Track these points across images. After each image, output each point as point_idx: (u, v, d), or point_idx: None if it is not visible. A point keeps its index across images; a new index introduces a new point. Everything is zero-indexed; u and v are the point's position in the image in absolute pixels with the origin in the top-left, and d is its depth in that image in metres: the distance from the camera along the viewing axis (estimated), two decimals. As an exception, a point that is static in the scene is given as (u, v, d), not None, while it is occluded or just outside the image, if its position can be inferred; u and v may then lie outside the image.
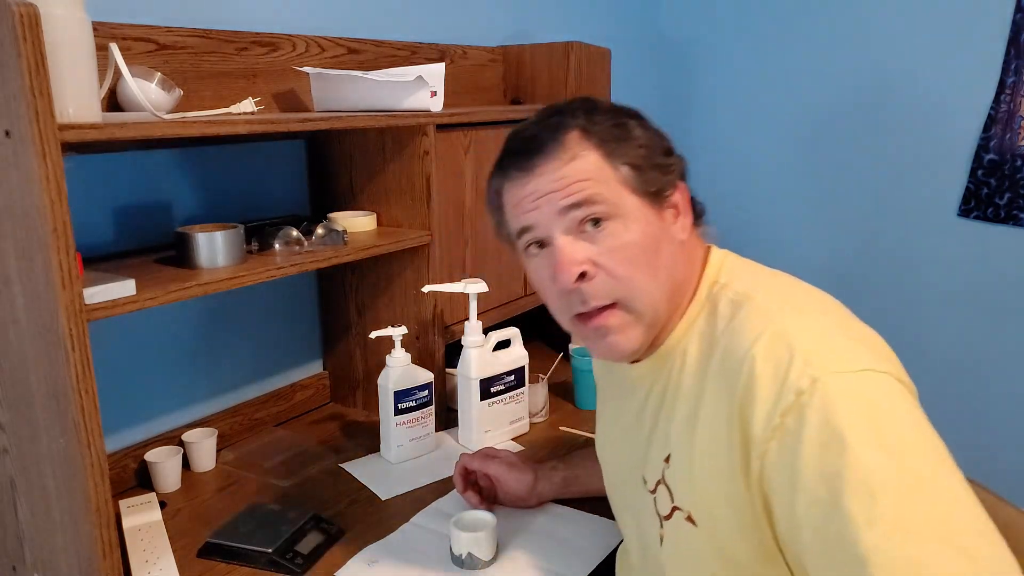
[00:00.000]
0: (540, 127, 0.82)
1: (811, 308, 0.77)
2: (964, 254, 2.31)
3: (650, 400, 0.86)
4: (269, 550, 1.06)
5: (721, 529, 0.75)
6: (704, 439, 0.75)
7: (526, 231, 0.83)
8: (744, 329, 0.74)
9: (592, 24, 2.41)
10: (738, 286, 0.81)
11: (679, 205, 0.84)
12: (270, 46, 1.42)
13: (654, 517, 0.84)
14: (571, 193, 0.78)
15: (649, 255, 0.79)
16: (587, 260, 0.79)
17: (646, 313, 0.80)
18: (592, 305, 0.80)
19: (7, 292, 0.90)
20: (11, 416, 0.96)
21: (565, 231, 0.79)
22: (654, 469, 0.84)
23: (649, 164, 0.80)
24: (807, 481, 0.65)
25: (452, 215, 1.49)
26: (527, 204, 0.81)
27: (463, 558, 1.04)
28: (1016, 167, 2.19)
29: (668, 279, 0.81)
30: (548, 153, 0.80)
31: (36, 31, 0.78)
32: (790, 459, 0.67)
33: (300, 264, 1.19)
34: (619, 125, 0.81)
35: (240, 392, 1.48)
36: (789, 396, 0.67)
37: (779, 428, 0.67)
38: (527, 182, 0.81)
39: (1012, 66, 2.16)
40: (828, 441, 0.65)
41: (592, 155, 0.79)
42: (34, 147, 0.80)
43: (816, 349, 0.69)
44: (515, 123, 1.59)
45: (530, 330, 1.94)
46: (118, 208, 1.26)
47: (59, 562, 0.97)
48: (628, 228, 0.79)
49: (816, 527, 0.65)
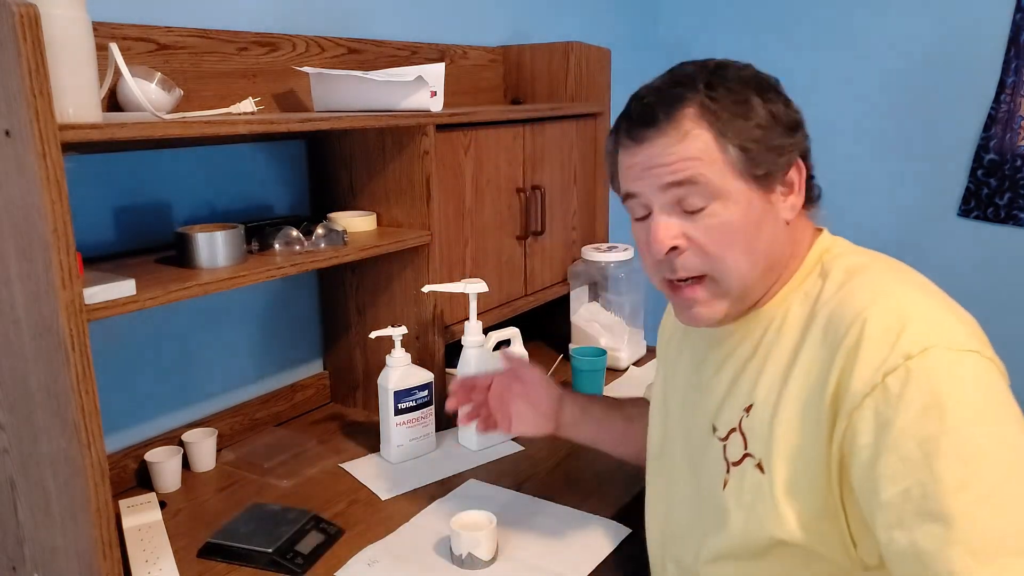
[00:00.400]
0: (659, 96, 0.82)
1: (926, 287, 0.79)
2: (964, 254, 2.31)
3: (736, 354, 0.88)
4: (269, 550, 1.06)
5: (788, 479, 0.78)
6: (794, 391, 0.78)
7: (631, 196, 0.86)
8: (858, 294, 0.77)
9: (592, 24, 2.41)
10: (853, 258, 0.84)
11: (794, 184, 0.84)
12: (270, 46, 1.42)
13: (720, 463, 0.86)
14: (675, 171, 0.80)
15: (746, 235, 0.81)
16: (680, 235, 0.81)
17: (733, 289, 0.83)
18: (680, 275, 0.83)
19: (7, 292, 0.90)
20: (11, 416, 0.96)
21: (664, 205, 0.82)
22: (729, 418, 0.86)
23: (763, 146, 0.80)
24: (900, 441, 0.68)
25: (452, 215, 1.49)
26: (634, 172, 0.84)
27: (463, 558, 1.04)
28: (1016, 167, 2.19)
29: (764, 258, 0.83)
30: (660, 128, 0.81)
31: (36, 31, 0.78)
32: (886, 417, 0.69)
33: (300, 264, 1.19)
34: (741, 102, 0.80)
35: (240, 392, 1.48)
36: (897, 359, 0.70)
37: (879, 387, 0.70)
38: (636, 152, 0.83)
39: (1012, 66, 2.16)
40: (929, 406, 0.67)
41: (704, 135, 0.80)
42: (34, 147, 0.80)
43: (929, 324, 0.72)
44: (515, 123, 1.61)
45: (530, 330, 1.94)
46: (118, 208, 1.26)
47: (59, 562, 0.97)
48: (727, 209, 0.80)
49: (902, 485, 0.68)
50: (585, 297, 1.86)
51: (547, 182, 1.74)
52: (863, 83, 2.41)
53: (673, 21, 2.74)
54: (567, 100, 1.91)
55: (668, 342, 1.09)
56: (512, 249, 1.67)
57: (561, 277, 1.85)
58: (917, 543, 0.67)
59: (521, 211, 1.67)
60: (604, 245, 1.85)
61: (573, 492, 1.23)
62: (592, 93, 1.90)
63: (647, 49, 2.72)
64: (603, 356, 1.58)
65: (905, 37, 2.32)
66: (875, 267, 0.81)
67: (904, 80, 2.34)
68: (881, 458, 0.69)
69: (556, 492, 1.22)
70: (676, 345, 1.05)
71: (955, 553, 0.64)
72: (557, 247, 1.82)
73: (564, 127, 1.79)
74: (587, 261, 1.81)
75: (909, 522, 0.67)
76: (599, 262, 1.79)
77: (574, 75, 1.89)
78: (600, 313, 1.82)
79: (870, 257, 0.84)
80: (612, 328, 1.79)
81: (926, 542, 0.66)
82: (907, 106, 2.35)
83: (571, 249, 1.88)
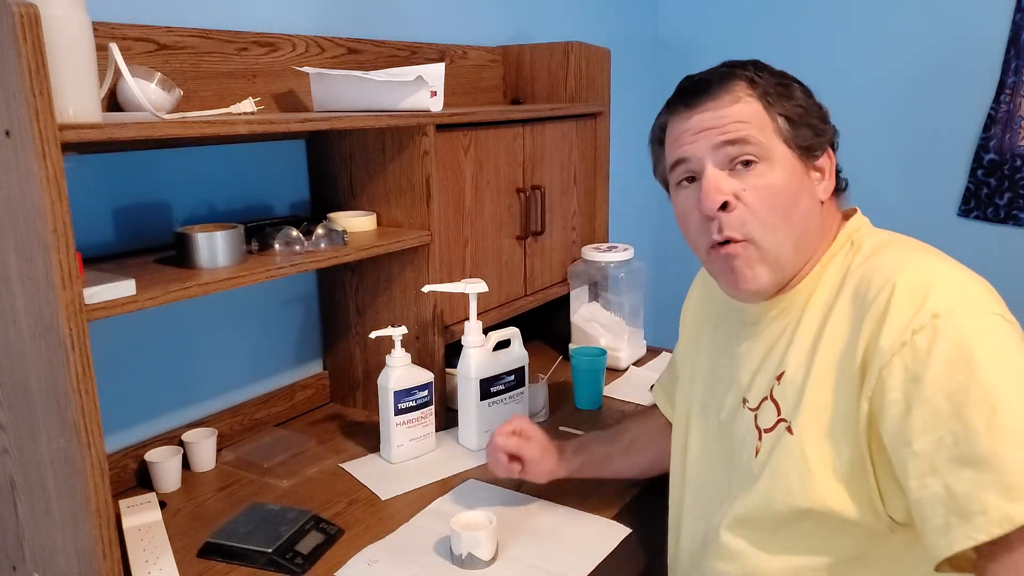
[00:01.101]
0: (711, 73, 0.90)
1: (949, 259, 0.83)
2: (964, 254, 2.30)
3: (768, 333, 0.92)
4: (269, 550, 1.06)
5: (816, 437, 0.81)
6: (824, 354, 0.82)
7: (681, 163, 0.90)
8: (886, 262, 0.82)
9: (592, 24, 2.41)
10: (881, 235, 0.89)
11: (825, 169, 0.91)
12: (270, 46, 1.42)
13: (752, 431, 0.90)
14: (728, 131, 0.85)
15: (788, 201, 0.86)
16: (731, 192, 0.85)
17: (771, 253, 0.86)
18: (726, 235, 0.86)
19: (7, 292, 0.90)
20: (11, 416, 0.96)
21: (716, 164, 0.87)
22: (761, 388, 0.90)
23: (805, 122, 0.88)
24: (930, 394, 0.72)
25: (452, 215, 1.49)
26: (687, 137, 0.88)
27: (463, 558, 1.04)
28: (1016, 167, 2.19)
29: (800, 230, 0.87)
30: (713, 94, 0.87)
31: (36, 31, 0.78)
32: (914, 373, 0.73)
33: (300, 264, 1.19)
34: (783, 84, 0.89)
35: (240, 392, 1.49)
36: (924, 317, 0.74)
37: (907, 344, 0.74)
38: (690, 116, 0.88)
39: (1012, 66, 2.16)
40: (956, 360, 0.71)
41: (754, 103, 0.87)
42: (34, 147, 0.80)
43: (955, 287, 0.77)
44: (515, 123, 1.61)
45: (530, 330, 1.94)
46: (118, 208, 1.26)
47: (59, 562, 0.97)
48: (773, 171, 0.86)
49: (934, 435, 0.71)
50: (585, 297, 1.86)
51: (547, 182, 1.74)
52: (863, 83, 2.41)
53: (673, 21, 2.74)
54: (567, 100, 1.91)
55: (695, 319, 1.12)
56: (512, 249, 1.67)
57: (561, 277, 1.85)
58: (951, 487, 0.70)
59: (521, 211, 1.67)
60: (604, 245, 1.85)
61: (573, 492, 1.23)
62: (592, 93, 1.90)
63: (647, 49, 2.72)
64: (603, 356, 1.58)
65: (905, 37, 2.32)
66: (902, 241, 0.86)
67: (904, 80, 2.34)
68: (912, 411, 0.73)
69: (556, 492, 1.22)
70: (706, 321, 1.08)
71: (987, 493, 0.68)
72: (557, 247, 1.82)
73: (564, 127, 1.79)
74: (587, 261, 1.81)
75: (942, 468, 0.71)
76: (599, 262, 1.79)
77: (574, 75, 1.89)
78: (600, 313, 1.82)
79: (899, 236, 0.89)
80: (612, 328, 1.79)
81: (959, 486, 0.70)
82: (907, 106, 2.35)
83: (571, 249, 1.88)
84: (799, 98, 0.88)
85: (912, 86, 2.33)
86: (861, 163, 2.46)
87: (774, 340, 0.91)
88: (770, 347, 0.91)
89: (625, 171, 2.59)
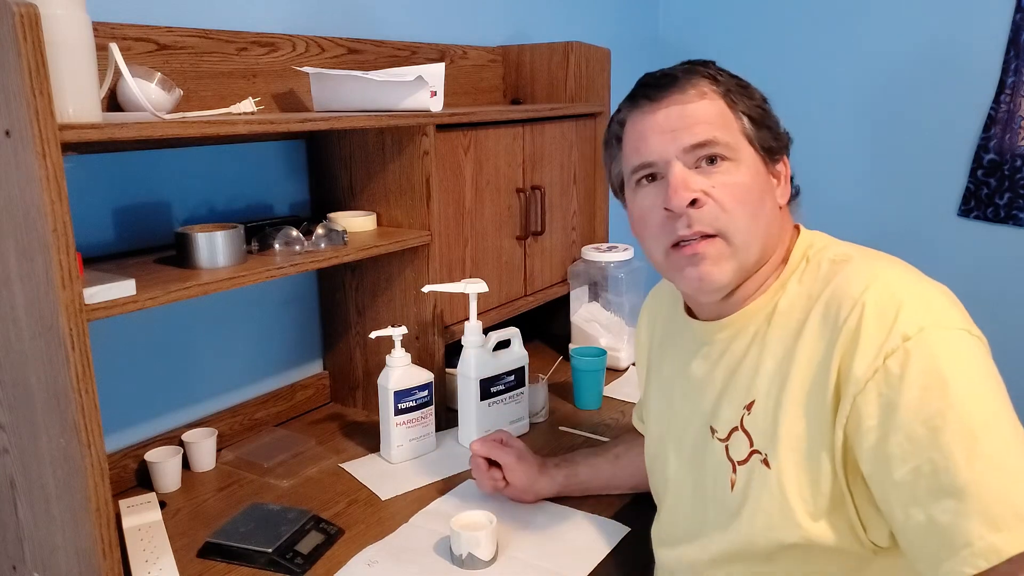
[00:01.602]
0: (672, 70, 0.88)
1: (910, 270, 0.82)
2: (964, 254, 2.31)
3: (730, 351, 0.89)
4: (269, 550, 1.06)
5: (793, 469, 0.79)
6: (796, 382, 0.80)
7: (644, 166, 0.87)
8: (851, 281, 0.79)
9: (592, 24, 2.41)
10: (837, 249, 0.87)
11: (782, 175, 0.90)
12: (270, 46, 1.42)
13: (724, 464, 0.87)
14: (696, 133, 0.83)
15: (755, 200, 0.85)
16: (700, 189, 0.83)
17: (741, 250, 0.84)
18: (696, 230, 0.83)
19: (7, 292, 0.90)
20: (11, 416, 0.96)
21: (684, 162, 0.84)
22: (729, 418, 0.87)
23: (765, 123, 0.87)
24: (905, 420, 0.71)
25: (452, 215, 1.49)
26: (652, 135, 0.85)
27: (463, 558, 1.04)
28: (1016, 167, 2.19)
29: (765, 229, 0.86)
30: (679, 87, 0.85)
31: (36, 31, 0.78)
32: (889, 399, 0.72)
33: (300, 264, 1.19)
34: (743, 85, 0.88)
35: (240, 392, 1.49)
36: (895, 340, 0.73)
37: (880, 370, 0.73)
38: (655, 111, 0.85)
39: (1012, 66, 2.16)
40: (930, 384, 0.70)
41: (718, 100, 0.85)
42: (34, 147, 0.80)
43: (921, 304, 0.75)
44: (515, 123, 1.61)
45: (530, 330, 1.94)
46: (118, 208, 1.26)
47: (59, 562, 0.97)
48: (739, 170, 0.84)
49: (912, 464, 0.70)
50: (585, 297, 1.86)
51: (547, 182, 1.74)
52: (863, 83, 2.41)
53: (673, 21, 2.74)
54: (567, 100, 1.91)
55: (650, 347, 1.10)
56: (512, 249, 1.67)
57: (561, 277, 1.85)
58: (934, 518, 0.69)
59: (521, 211, 1.67)
60: (604, 245, 1.85)
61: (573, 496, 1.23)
62: (592, 93, 1.90)
63: (647, 49, 2.72)
64: (603, 356, 1.58)
65: (905, 37, 2.32)
66: (860, 256, 0.84)
67: (904, 80, 2.34)
68: (889, 439, 0.72)
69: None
70: (659, 349, 1.06)
71: (970, 524, 0.67)
72: (557, 247, 1.82)
73: (564, 127, 1.79)
74: (587, 261, 1.81)
75: (923, 499, 0.70)
76: (599, 262, 1.79)
77: (574, 75, 1.90)
78: (600, 313, 1.82)
79: (852, 248, 0.87)
80: (612, 328, 1.79)
81: (943, 516, 0.69)
82: (907, 106, 2.35)
83: (571, 249, 1.88)
84: (758, 99, 0.88)
85: (912, 86, 2.33)
86: (861, 163, 2.46)
87: (735, 364, 0.88)
88: (732, 371, 0.88)
89: (625, 171, 2.59)
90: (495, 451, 1.19)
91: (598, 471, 1.22)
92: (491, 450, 1.19)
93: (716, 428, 0.89)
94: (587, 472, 1.21)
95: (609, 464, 1.22)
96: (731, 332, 0.89)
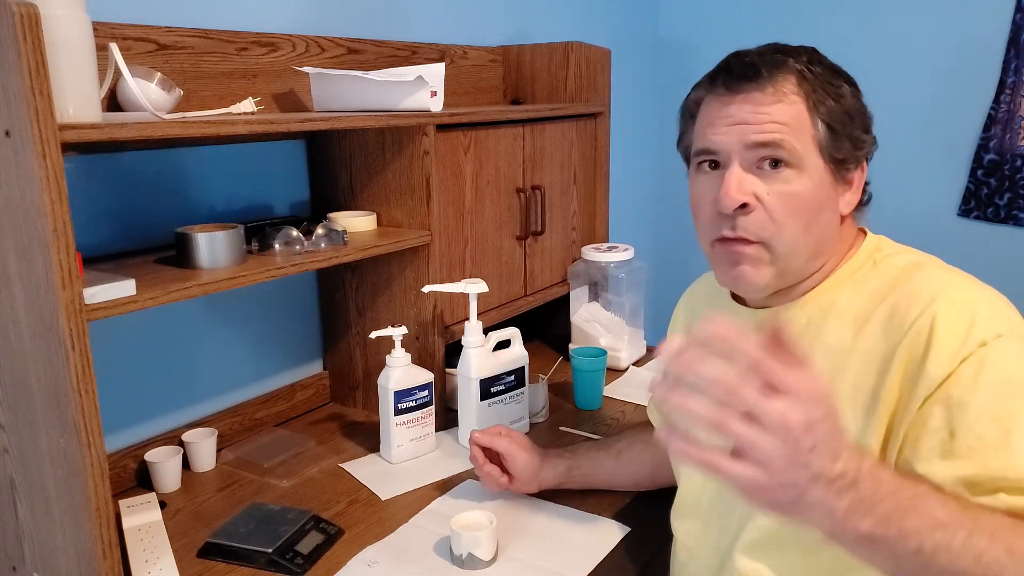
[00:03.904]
0: (762, 57, 0.83)
1: (979, 283, 0.82)
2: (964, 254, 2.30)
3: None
4: (269, 550, 1.06)
5: None
6: (851, 380, 0.80)
7: (706, 152, 0.85)
8: (924, 285, 0.79)
9: (592, 24, 2.41)
10: (909, 256, 0.86)
11: (854, 183, 0.87)
12: (270, 46, 1.42)
13: None
14: (765, 131, 0.81)
15: (809, 212, 0.82)
16: (752, 194, 0.81)
17: (783, 259, 0.83)
18: (739, 235, 0.83)
19: (7, 292, 0.90)
20: (11, 416, 0.96)
21: (743, 162, 0.82)
22: None
23: (845, 132, 0.83)
24: (977, 421, 0.71)
25: (452, 215, 1.49)
26: (720, 125, 0.83)
27: (463, 558, 1.04)
28: (1016, 167, 2.19)
29: (816, 240, 0.84)
30: (759, 84, 0.82)
31: (36, 31, 0.78)
32: (960, 399, 0.72)
33: (300, 264, 1.19)
34: (836, 85, 0.84)
35: (240, 392, 1.49)
36: (971, 345, 0.73)
37: (955, 373, 0.73)
38: (729, 102, 0.83)
39: (1012, 66, 2.16)
40: (1005, 388, 0.72)
41: (799, 104, 0.82)
42: (34, 147, 0.80)
43: (997, 313, 0.76)
44: (515, 123, 1.61)
45: (530, 330, 1.94)
46: (118, 208, 1.26)
47: (59, 562, 0.97)
48: (800, 180, 0.82)
49: (980, 463, 0.70)
50: (585, 297, 1.86)
51: (547, 182, 1.74)
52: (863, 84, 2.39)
53: (673, 21, 2.74)
54: (567, 100, 1.91)
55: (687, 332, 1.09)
56: (512, 249, 1.67)
57: (561, 277, 1.85)
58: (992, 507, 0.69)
59: (521, 211, 1.67)
60: (604, 245, 1.85)
61: (573, 492, 1.22)
62: (592, 93, 1.90)
63: (647, 49, 2.72)
64: (603, 356, 1.58)
65: (905, 38, 2.32)
66: (932, 264, 0.84)
67: (904, 80, 2.34)
68: (957, 438, 0.72)
69: (556, 492, 1.22)
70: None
71: None
72: (557, 247, 1.82)
73: (564, 127, 1.79)
74: (587, 261, 1.81)
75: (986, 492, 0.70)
76: (599, 262, 1.79)
77: (574, 75, 1.89)
78: (600, 313, 1.82)
79: (923, 256, 0.86)
80: (612, 328, 1.79)
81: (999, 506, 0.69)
82: (907, 106, 2.35)
83: (571, 249, 1.88)
84: (847, 102, 0.84)
85: (912, 86, 2.33)
86: (861, 163, 2.46)
87: None
88: None
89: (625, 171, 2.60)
90: (495, 440, 1.17)
91: (600, 466, 1.21)
92: (492, 439, 1.18)
93: None
94: (589, 465, 1.21)
95: (611, 460, 1.21)
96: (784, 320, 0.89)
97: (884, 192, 2.45)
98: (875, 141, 0.87)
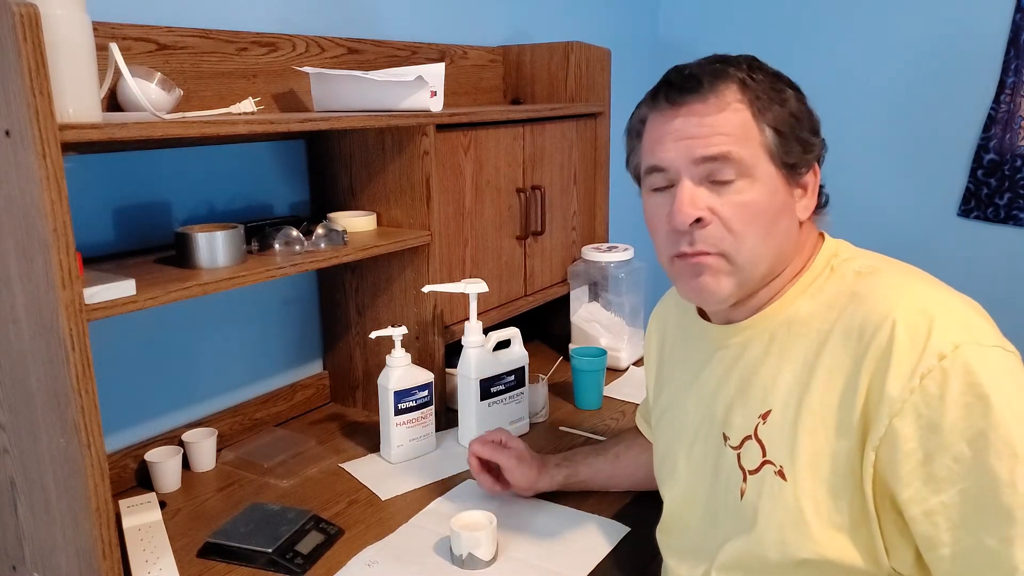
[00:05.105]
0: (702, 69, 0.83)
1: (938, 284, 0.80)
2: (964, 254, 2.31)
3: (743, 361, 0.87)
4: (269, 550, 1.06)
5: (814, 485, 0.77)
6: (817, 396, 0.78)
7: (655, 170, 0.84)
8: (879, 295, 0.77)
9: (592, 24, 2.41)
10: (864, 260, 0.84)
11: (809, 187, 0.86)
12: (270, 46, 1.42)
13: (735, 472, 0.85)
14: (711, 144, 0.79)
15: (766, 220, 0.81)
16: (706, 208, 0.80)
17: (744, 270, 0.82)
18: (698, 249, 0.82)
19: (7, 292, 0.90)
20: (11, 416, 0.96)
21: (693, 177, 0.81)
22: (743, 425, 0.85)
23: (794, 135, 0.82)
24: (950, 440, 0.69)
25: (452, 215, 1.49)
26: (667, 142, 0.82)
27: (463, 558, 1.04)
28: (1016, 167, 2.19)
29: (775, 248, 0.83)
30: (702, 95, 0.81)
31: (36, 31, 0.78)
32: (930, 420, 0.70)
33: (300, 264, 1.19)
34: (778, 89, 0.83)
35: (240, 392, 1.49)
36: (930, 359, 0.71)
37: (918, 390, 0.71)
38: (673, 116, 0.82)
39: (1012, 66, 2.16)
40: (972, 403, 0.69)
41: (743, 112, 0.80)
42: (34, 147, 0.80)
43: (953, 320, 0.73)
44: (515, 123, 1.61)
45: (530, 330, 1.94)
46: (118, 208, 1.26)
47: (59, 562, 0.97)
48: (754, 188, 0.80)
49: (959, 486, 0.69)
50: (585, 297, 1.86)
51: (547, 182, 1.74)
52: (863, 83, 2.41)
53: (673, 21, 2.74)
54: (567, 100, 1.91)
55: (660, 353, 1.09)
56: (512, 249, 1.67)
57: (561, 277, 1.85)
58: (982, 542, 0.69)
59: (521, 211, 1.67)
60: (604, 245, 1.85)
61: (573, 492, 1.23)
62: (592, 93, 1.90)
63: (647, 49, 2.72)
64: (603, 356, 1.58)
65: (905, 38, 2.32)
66: (887, 268, 0.82)
67: (904, 80, 2.34)
68: (935, 460, 0.70)
69: (556, 492, 1.22)
70: (669, 354, 1.05)
71: (1017, 550, 0.67)
72: (557, 247, 1.82)
73: (564, 127, 1.79)
74: (587, 261, 1.81)
75: (971, 521, 0.69)
76: (599, 262, 1.79)
77: (574, 75, 1.89)
78: (600, 313, 1.82)
79: (878, 259, 0.85)
80: (612, 328, 1.79)
81: (990, 540, 0.68)
82: (907, 106, 2.35)
83: (571, 249, 1.88)
84: (792, 105, 0.82)
85: (912, 86, 2.33)
86: (861, 163, 2.46)
87: (751, 370, 0.86)
88: (747, 378, 0.86)
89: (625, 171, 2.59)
90: (495, 454, 1.18)
91: (598, 471, 1.22)
92: (491, 452, 1.18)
93: (728, 435, 0.88)
94: (587, 472, 1.22)
95: (609, 464, 1.22)
96: (745, 337, 0.88)
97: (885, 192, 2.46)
98: (824, 143, 0.86)
